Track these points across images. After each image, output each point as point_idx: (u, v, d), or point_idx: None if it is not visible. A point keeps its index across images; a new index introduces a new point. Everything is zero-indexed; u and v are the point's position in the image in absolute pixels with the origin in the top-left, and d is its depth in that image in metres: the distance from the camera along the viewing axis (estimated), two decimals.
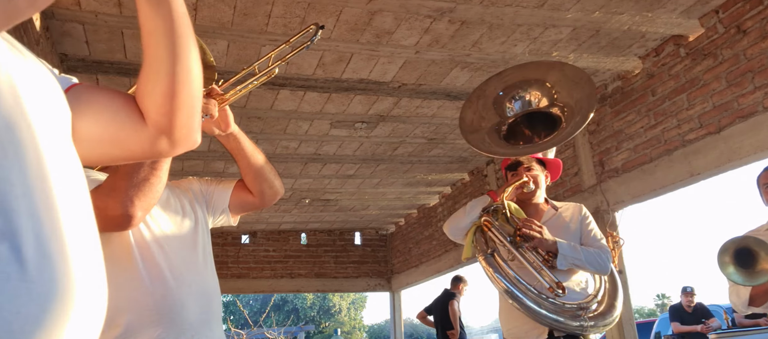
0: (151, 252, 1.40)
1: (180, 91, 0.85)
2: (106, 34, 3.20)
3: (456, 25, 3.31)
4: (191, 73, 0.86)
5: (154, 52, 0.83)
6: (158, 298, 1.36)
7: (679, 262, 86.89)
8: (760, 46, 3.06)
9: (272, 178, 1.67)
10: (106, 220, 1.26)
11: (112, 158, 0.91)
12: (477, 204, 2.53)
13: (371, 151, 5.46)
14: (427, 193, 7.04)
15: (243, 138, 1.59)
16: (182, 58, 0.84)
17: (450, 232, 2.60)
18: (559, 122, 2.31)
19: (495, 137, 2.38)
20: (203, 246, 1.55)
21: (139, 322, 1.33)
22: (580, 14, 3.22)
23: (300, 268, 8.45)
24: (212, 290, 1.51)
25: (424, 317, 7.06)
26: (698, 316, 6.99)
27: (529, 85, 2.33)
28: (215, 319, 1.48)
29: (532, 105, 2.35)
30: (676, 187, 3.67)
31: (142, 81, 0.87)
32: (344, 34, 3.33)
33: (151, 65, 0.84)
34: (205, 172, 5.66)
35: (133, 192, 1.26)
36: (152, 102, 0.85)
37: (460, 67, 3.85)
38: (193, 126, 0.90)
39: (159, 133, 0.87)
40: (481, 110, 2.39)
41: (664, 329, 8.43)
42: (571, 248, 2.31)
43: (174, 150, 0.91)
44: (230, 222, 1.73)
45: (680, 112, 3.56)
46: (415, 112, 4.58)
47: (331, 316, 34.04)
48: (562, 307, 2.22)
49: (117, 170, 1.30)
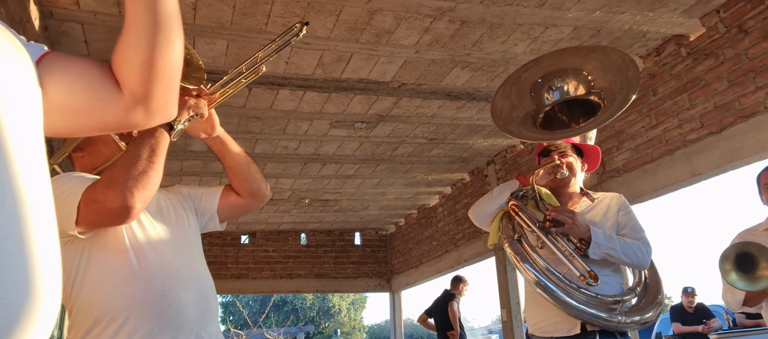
0: (147, 251, 1.41)
1: (160, 60, 0.83)
2: (105, 33, 3.19)
3: (456, 25, 3.29)
4: (172, 42, 0.85)
5: (136, 19, 0.82)
6: (157, 295, 1.37)
7: (680, 262, 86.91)
8: (761, 45, 3.05)
9: (259, 179, 1.70)
10: (105, 212, 1.26)
11: (87, 129, 0.89)
12: (506, 188, 2.39)
13: (371, 151, 5.45)
14: (427, 194, 7.03)
15: (228, 140, 1.62)
16: (164, 27, 0.82)
17: (476, 217, 2.45)
18: (598, 108, 2.16)
19: (529, 124, 2.25)
20: (197, 245, 1.58)
21: (137, 320, 1.34)
22: (581, 14, 3.21)
23: (299, 269, 8.44)
24: (208, 287, 1.52)
25: (424, 320, 7.04)
26: (699, 317, 6.98)
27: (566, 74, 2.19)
28: (212, 316, 1.50)
29: (569, 94, 2.20)
30: (677, 187, 3.66)
31: (120, 48, 0.85)
32: (344, 34, 3.32)
33: (132, 32, 0.83)
34: (205, 172, 5.65)
35: (131, 184, 1.27)
36: (131, 70, 0.84)
37: (460, 66, 3.83)
38: (170, 97, 0.89)
39: (135, 103, 0.85)
40: (514, 98, 2.25)
41: (665, 329, 8.42)
42: (606, 237, 2.14)
43: (149, 121, 0.89)
44: (217, 227, 1.74)
45: (681, 112, 3.55)
46: (415, 112, 4.56)
47: (330, 316, 34.03)
48: (595, 299, 2.07)
49: (115, 164, 1.32)
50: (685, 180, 3.52)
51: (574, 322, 2.14)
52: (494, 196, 2.40)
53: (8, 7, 2.37)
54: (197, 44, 3.34)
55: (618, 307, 2.10)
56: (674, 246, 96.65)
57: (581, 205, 2.36)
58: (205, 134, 1.56)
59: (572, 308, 2.05)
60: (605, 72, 2.14)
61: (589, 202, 2.38)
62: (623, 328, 2.12)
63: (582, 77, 2.17)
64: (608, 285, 2.15)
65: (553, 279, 2.09)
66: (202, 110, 1.43)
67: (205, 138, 1.58)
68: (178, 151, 5.01)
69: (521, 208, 2.29)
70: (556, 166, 2.30)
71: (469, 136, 5.16)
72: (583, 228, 2.13)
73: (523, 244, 2.22)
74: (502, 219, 2.37)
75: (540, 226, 2.19)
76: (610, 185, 4.09)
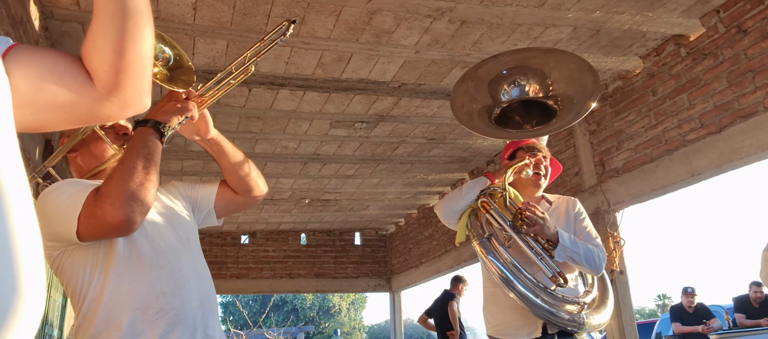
0: (148, 253, 1.41)
1: (131, 49, 0.82)
2: None
3: (456, 25, 3.30)
4: (143, 29, 0.83)
5: (105, 6, 0.81)
6: (159, 295, 1.37)
7: (680, 263, 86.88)
8: (760, 45, 3.05)
9: (256, 176, 1.68)
10: (106, 227, 1.27)
11: (59, 122, 0.87)
12: (475, 185, 2.38)
13: (371, 151, 5.45)
14: (427, 193, 7.03)
15: (223, 141, 1.60)
16: (134, 14, 0.81)
17: (443, 213, 2.43)
18: (553, 113, 2.20)
19: (486, 119, 2.26)
20: (195, 242, 1.58)
21: (141, 321, 1.34)
22: (580, 14, 3.22)
23: (299, 269, 8.44)
24: (209, 285, 1.53)
25: (424, 321, 7.04)
26: (699, 317, 6.98)
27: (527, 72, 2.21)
28: (214, 313, 1.50)
29: (527, 93, 2.22)
30: (676, 187, 3.66)
31: (90, 37, 0.83)
32: (344, 34, 3.33)
33: (101, 20, 0.81)
34: (204, 172, 5.65)
35: (130, 197, 1.26)
36: (101, 59, 0.82)
37: (460, 66, 3.84)
38: (143, 87, 0.87)
39: (107, 93, 0.84)
40: (473, 91, 2.27)
41: (665, 330, 8.42)
42: (571, 241, 2.19)
43: (123, 112, 0.87)
44: (215, 222, 1.74)
45: (681, 111, 3.55)
46: (415, 112, 4.57)
47: (330, 316, 34.02)
48: (560, 300, 2.11)
49: (111, 179, 1.30)
50: (685, 180, 3.52)
51: (535, 324, 2.17)
52: (464, 192, 2.37)
53: (9, 7, 2.37)
54: (197, 44, 3.34)
55: (578, 309, 2.14)
56: (674, 246, 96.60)
57: (542, 208, 2.37)
58: (199, 136, 1.55)
59: (538, 307, 2.08)
60: (565, 78, 2.16)
61: (547, 205, 2.42)
62: (583, 329, 2.16)
63: (542, 79, 2.19)
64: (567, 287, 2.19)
65: (520, 276, 2.10)
66: (192, 112, 1.42)
67: (199, 140, 1.57)
68: (178, 150, 5.01)
69: (491, 205, 2.29)
70: (525, 165, 2.31)
71: (469, 136, 5.17)
72: (552, 230, 2.16)
73: (493, 241, 2.21)
74: (470, 216, 2.37)
75: (511, 225, 2.19)
76: (610, 185, 4.10)
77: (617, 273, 3.95)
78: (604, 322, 2.25)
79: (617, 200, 4.05)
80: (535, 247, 2.15)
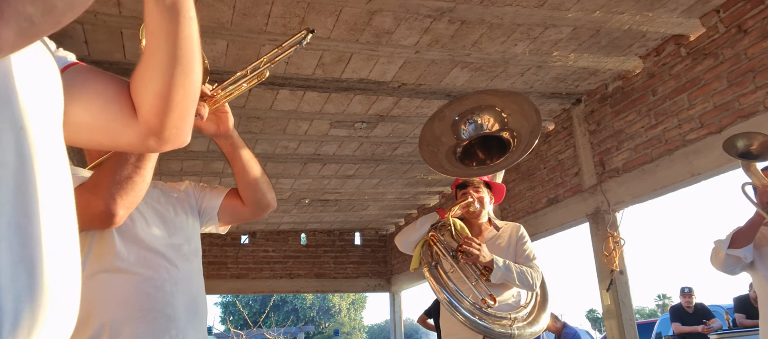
0: (136, 251, 1.39)
1: (175, 94, 0.82)
2: (106, 34, 3.19)
3: (456, 25, 3.30)
4: (189, 77, 0.83)
5: (154, 52, 0.80)
6: (142, 295, 1.35)
7: (680, 262, 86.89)
8: (761, 45, 3.05)
9: (265, 190, 1.64)
10: (88, 216, 1.24)
11: (98, 144, 0.89)
12: (427, 220, 2.77)
13: (371, 151, 5.45)
14: (427, 193, 7.03)
15: (240, 143, 1.57)
16: (182, 61, 0.80)
17: (401, 245, 2.83)
18: (508, 146, 2.54)
19: (452, 158, 2.60)
20: (191, 245, 1.54)
21: (122, 320, 1.32)
22: (580, 14, 3.22)
23: (299, 269, 8.44)
24: (197, 290, 1.50)
25: (424, 321, 7.04)
26: (699, 317, 6.97)
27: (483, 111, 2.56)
28: (200, 320, 1.47)
29: (484, 128, 2.58)
30: (676, 187, 3.66)
31: (137, 76, 0.84)
32: (344, 34, 3.32)
33: (149, 65, 0.81)
34: (205, 172, 5.65)
35: (115, 189, 1.24)
36: (145, 100, 0.83)
37: (460, 66, 3.84)
38: (184, 127, 0.88)
39: (148, 130, 0.85)
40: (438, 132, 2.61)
41: (665, 330, 8.42)
42: (505, 266, 2.57)
43: (161, 147, 0.89)
44: (218, 230, 1.71)
45: (681, 111, 3.55)
46: (415, 112, 4.57)
47: (330, 316, 34.01)
48: (493, 316, 2.49)
49: (101, 167, 1.29)
50: (685, 180, 3.52)
51: (477, 336, 2.55)
52: (417, 227, 2.77)
53: None
54: None
55: (510, 322, 2.52)
56: (674, 246, 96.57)
57: (489, 234, 2.80)
58: (217, 133, 1.50)
59: (474, 324, 2.46)
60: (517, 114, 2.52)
61: (495, 231, 2.81)
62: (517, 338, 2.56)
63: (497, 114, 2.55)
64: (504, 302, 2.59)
65: (459, 299, 2.51)
66: (201, 112, 1.40)
67: (215, 136, 1.53)
68: (178, 150, 5.01)
69: (438, 239, 2.70)
70: (470, 203, 2.72)
71: None
72: (488, 257, 2.56)
73: (439, 269, 2.62)
74: (423, 246, 2.74)
75: (452, 255, 2.61)
76: (610, 185, 4.10)
77: (617, 273, 3.95)
78: (538, 331, 2.62)
79: (617, 200, 4.05)
80: (472, 273, 2.58)
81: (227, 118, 1.49)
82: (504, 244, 2.74)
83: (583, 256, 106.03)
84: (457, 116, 2.58)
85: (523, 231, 2.81)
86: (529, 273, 2.61)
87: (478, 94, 2.70)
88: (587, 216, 4.32)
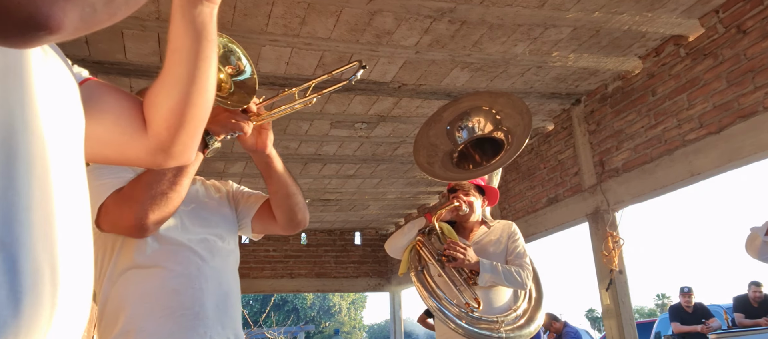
0: (168, 244, 1.39)
1: (189, 111, 0.85)
2: (107, 34, 3.20)
3: (456, 25, 3.31)
4: (204, 95, 0.86)
5: (175, 68, 0.83)
6: (170, 293, 1.35)
7: (680, 262, 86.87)
8: (760, 45, 3.06)
9: (297, 210, 1.61)
10: (119, 226, 1.28)
11: (106, 158, 0.90)
12: (414, 225, 2.79)
13: (371, 151, 5.46)
14: (427, 193, 7.04)
15: (276, 162, 1.54)
16: (200, 81, 0.84)
17: (390, 250, 2.86)
18: (503, 146, 2.54)
19: (448, 163, 2.61)
20: (225, 243, 1.53)
21: (149, 317, 1.32)
22: (580, 14, 3.22)
23: (300, 268, 8.45)
24: (229, 288, 1.48)
25: (424, 321, 7.05)
26: (698, 316, 6.98)
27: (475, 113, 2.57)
28: (230, 317, 1.46)
29: (477, 131, 2.60)
30: (676, 187, 3.67)
31: (154, 92, 0.86)
32: (344, 34, 3.33)
33: (167, 80, 0.84)
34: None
35: (149, 205, 1.26)
36: (160, 115, 0.85)
37: (460, 67, 3.85)
38: (192, 145, 0.90)
39: (158, 144, 0.87)
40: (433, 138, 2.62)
41: (665, 329, 8.43)
42: (491, 268, 2.55)
43: (167, 163, 0.91)
44: (250, 235, 1.70)
45: (681, 111, 3.56)
46: (415, 112, 4.58)
47: (331, 316, 34.03)
48: (479, 320, 2.49)
49: (139, 179, 1.30)
50: (684, 180, 3.53)
51: None
52: (405, 232, 2.79)
53: None
54: None
55: (498, 326, 2.50)
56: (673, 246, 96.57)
57: (479, 233, 2.81)
58: (253, 148, 1.48)
59: (462, 329, 2.47)
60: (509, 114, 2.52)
61: (485, 229, 2.82)
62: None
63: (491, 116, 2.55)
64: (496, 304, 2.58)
65: (445, 303, 2.52)
66: (245, 129, 1.36)
67: (251, 151, 1.51)
68: None
69: (425, 244, 2.71)
70: (457, 207, 2.73)
71: None
72: (473, 261, 2.56)
73: (426, 274, 2.64)
74: (411, 251, 2.76)
75: (438, 260, 2.63)
76: (609, 185, 4.11)
77: (616, 273, 3.96)
78: (528, 333, 2.59)
79: (617, 200, 4.06)
80: (458, 278, 2.58)
81: (267, 136, 1.48)
82: (495, 240, 2.74)
83: (582, 256, 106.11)
84: (449, 123, 2.59)
85: (515, 228, 2.81)
86: (516, 271, 2.59)
87: (470, 97, 2.70)
88: (587, 216, 4.33)
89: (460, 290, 2.54)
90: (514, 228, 2.81)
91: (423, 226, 2.79)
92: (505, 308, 2.62)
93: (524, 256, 2.69)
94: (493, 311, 2.55)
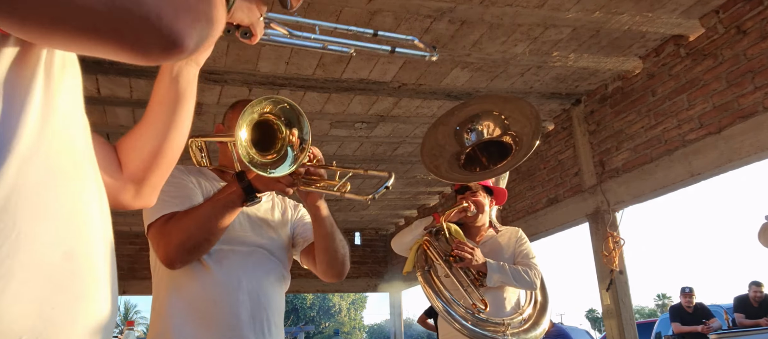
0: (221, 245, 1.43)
1: (167, 153, 0.91)
2: None
3: (456, 25, 3.31)
4: (182, 138, 0.93)
5: (158, 117, 0.91)
6: (210, 303, 1.39)
7: (680, 262, 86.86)
8: (760, 46, 3.06)
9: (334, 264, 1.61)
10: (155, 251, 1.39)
11: None
12: (421, 223, 2.77)
13: (371, 151, 5.46)
14: (427, 193, 7.04)
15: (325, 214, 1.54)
16: (180, 125, 0.92)
17: (396, 247, 2.85)
18: (510, 150, 2.54)
19: (455, 165, 2.60)
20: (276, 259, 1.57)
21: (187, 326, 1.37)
22: (580, 14, 3.22)
23: (300, 268, 8.42)
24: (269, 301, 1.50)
25: (424, 321, 7.05)
26: (699, 317, 6.98)
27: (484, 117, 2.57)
28: (265, 330, 1.47)
29: (485, 135, 2.59)
30: (676, 187, 3.67)
31: (134, 136, 0.91)
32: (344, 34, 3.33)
33: (150, 126, 0.90)
34: None
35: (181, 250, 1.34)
36: (138, 154, 0.90)
37: (460, 67, 3.85)
38: (159, 186, 0.95)
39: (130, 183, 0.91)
40: (441, 139, 2.62)
41: (665, 329, 8.42)
42: (499, 268, 2.55)
43: (134, 204, 0.94)
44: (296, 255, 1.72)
45: (680, 112, 3.56)
46: (415, 112, 4.57)
47: (330, 316, 34.04)
48: (485, 322, 2.49)
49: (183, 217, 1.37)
50: (684, 180, 3.53)
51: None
52: (411, 230, 2.77)
53: None
54: None
55: (504, 329, 2.51)
56: (673, 246, 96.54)
57: (486, 236, 2.79)
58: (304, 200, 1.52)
59: (468, 330, 2.46)
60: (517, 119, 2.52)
61: (493, 232, 2.83)
62: None
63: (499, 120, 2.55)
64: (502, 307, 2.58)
65: (451, 304, 2.51)
66: (287, 191, 1.44)
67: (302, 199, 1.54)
68: None
69: (432, 243, 2.69)
70: (465, 208, 2.71)
71: None
72: (481, 262, 2.55)
73: (432, 274, 2.63)
74: (417, 250, 2.74)
75: (445, 260, 2.60)
76: (609, 185, 4.11)
77: (617, 273, 3.96)
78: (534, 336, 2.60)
79: (617, 200, 4.06)
80: (465, 279, 2.57)
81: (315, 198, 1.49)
82: (503, 244, 2.76)
83: (582, 256, 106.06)
84: (458, 124, 2.59)
85: (521, 233, 2.84)
86: (524, 271, 2.59)
87: (480, 100, 2.71)
88: (587, 216, 4.32)
89: (468, 291, 2.53)
90: (521, 233, 2.83)
91: (430, 224, 2.77)
92: (511, 311, 2.62)
93: (533, 258, 2.70)
94: (499, 314, 2.54)
